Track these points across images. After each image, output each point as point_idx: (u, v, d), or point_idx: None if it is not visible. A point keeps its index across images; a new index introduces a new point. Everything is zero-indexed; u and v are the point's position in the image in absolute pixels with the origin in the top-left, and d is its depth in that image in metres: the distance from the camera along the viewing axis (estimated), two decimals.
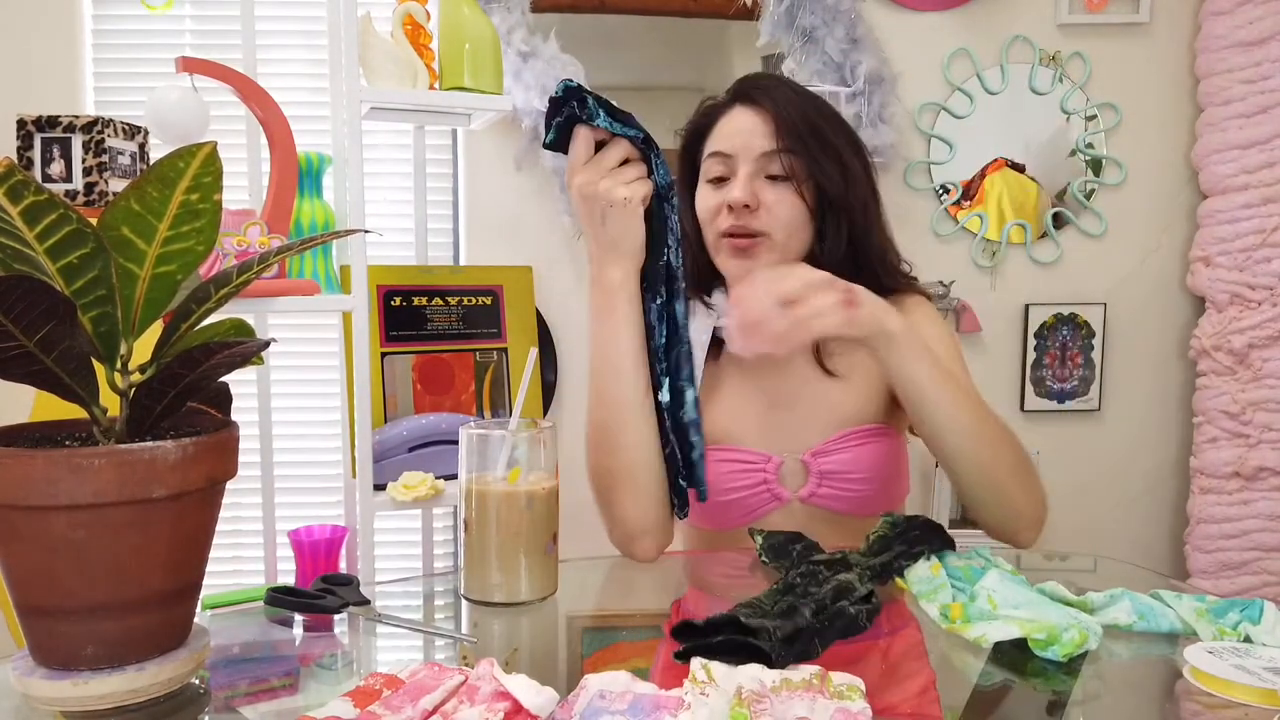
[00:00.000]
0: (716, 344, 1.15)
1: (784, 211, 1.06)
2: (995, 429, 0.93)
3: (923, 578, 0.82)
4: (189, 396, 0.62)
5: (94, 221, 0.56)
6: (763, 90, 1.09)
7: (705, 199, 1.11)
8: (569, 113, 0.88)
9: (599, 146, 0.90)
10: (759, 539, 0.95)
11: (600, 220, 0.91)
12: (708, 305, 1.15)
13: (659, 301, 0.94)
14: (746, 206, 1.05)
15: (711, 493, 1.07)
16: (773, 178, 1.07)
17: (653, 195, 0.92)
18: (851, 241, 1.09)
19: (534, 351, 0.88)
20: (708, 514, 1.10)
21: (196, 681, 0.65)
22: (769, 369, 1.12)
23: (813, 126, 1.07)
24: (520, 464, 0.80)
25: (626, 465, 0.96)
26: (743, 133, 1.07)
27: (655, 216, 0.93)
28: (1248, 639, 0.71)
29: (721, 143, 1.09)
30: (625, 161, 0.90)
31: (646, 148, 0.90)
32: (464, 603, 0.83)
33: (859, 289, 0.88)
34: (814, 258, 1.10)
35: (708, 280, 1.16)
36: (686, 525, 1.17)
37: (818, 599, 0.71)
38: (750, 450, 1.09)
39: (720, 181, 1.09)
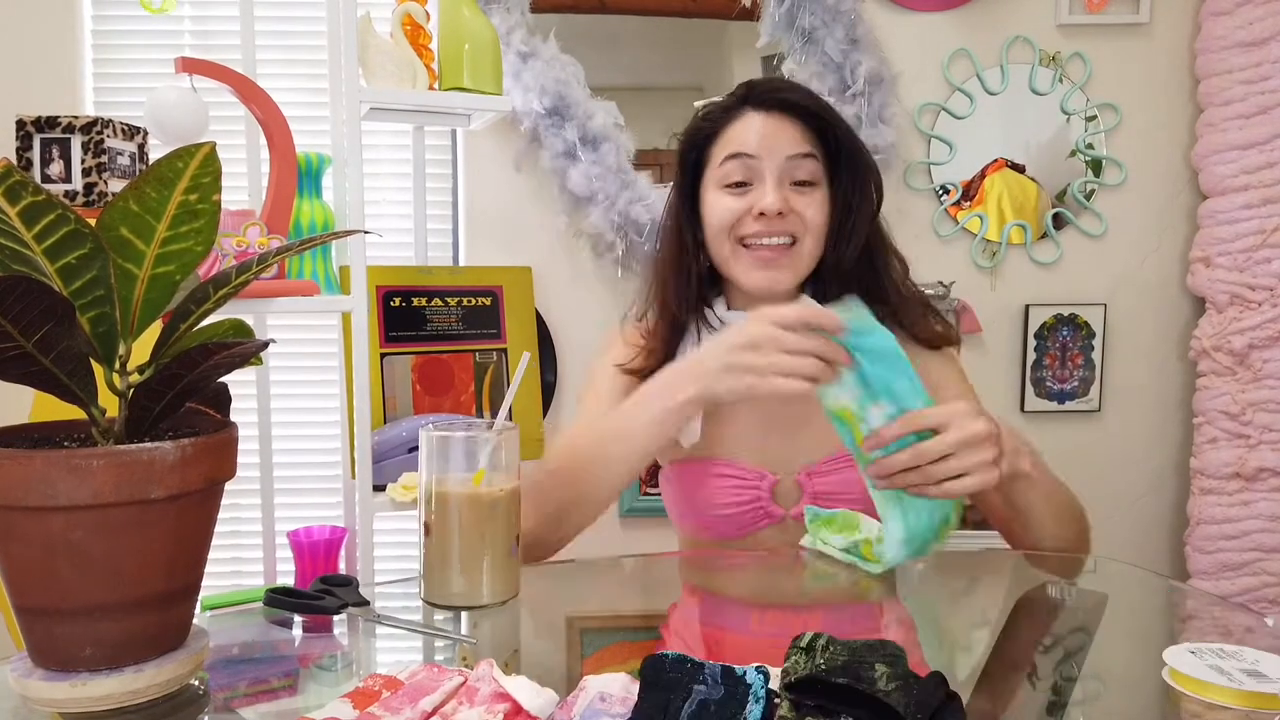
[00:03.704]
0: None
1: (814, 216, 1.03)
2: (1070, 516, 0.99)
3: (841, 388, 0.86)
4: (188, 397, 0.62)
5: (93, 222, 0.56)
6: (776, 91, 1.05)
7: (723, 204, 1.05)
8: None
9: None
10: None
11: (732, 379, 0.87)
12: (709, 323, 1.10)
13: None
14: (780, 214, 1.01)
15: (707, 506, 1.08)
16: (800, 183, 1.03)
17: None
18: (868, 248, 1.07)
19: (526, 355, 0.88)
20: (704, 525, 1.10)
21: (195, 683, 0.65)
22: None
23: (839, 124, 1.04)
24: (485, 466, 0.79)
25: (581, 499, 0.97)
26: (767, 135, 1.03)
27: None
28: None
29: (743, 145, 1.04)
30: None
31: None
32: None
33: (1003, 435, 0.86)
34: (825, 265, 1.08)
35: (708, 293, 1.12)
36: (686, 533, 1.16)
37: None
38: (745, 467, 1.08)
39: (740, 186, 1.04)
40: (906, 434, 0.82)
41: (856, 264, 1.07)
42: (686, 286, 1.09)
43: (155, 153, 1.45)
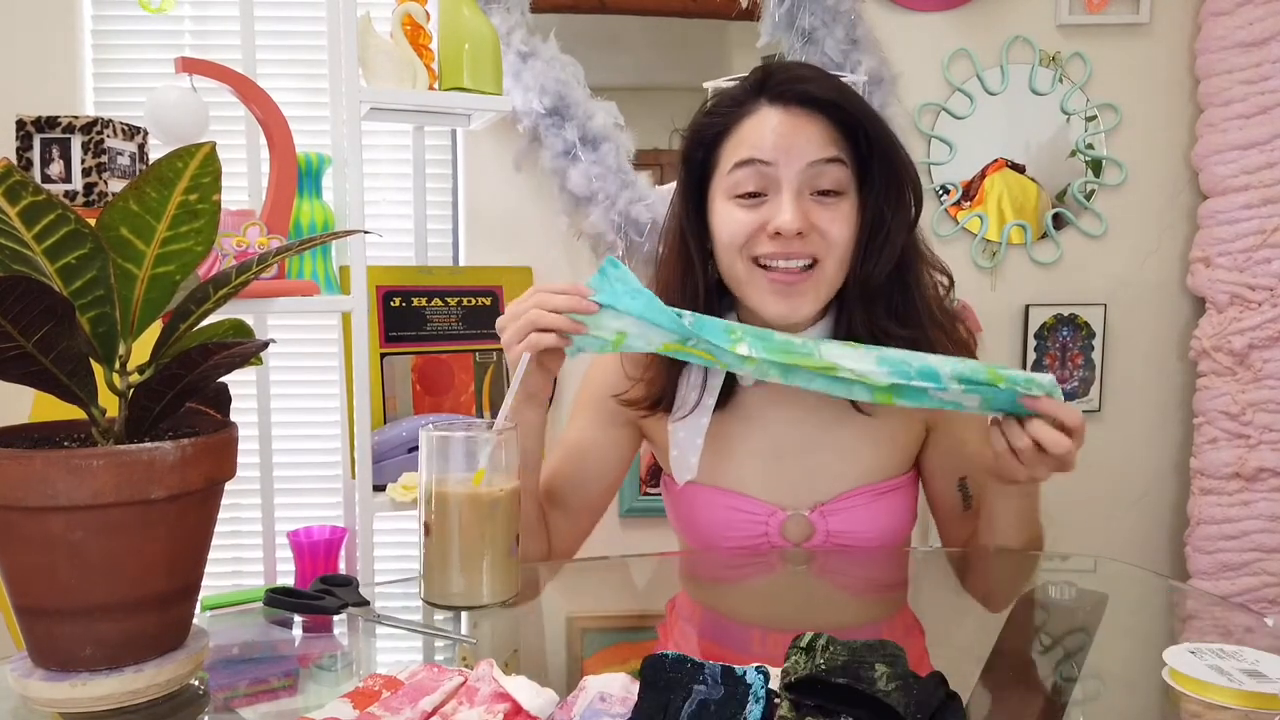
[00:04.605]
0: (728, 385, 1.00)
1: (839, 234, 0.91)
2: (1033, 530, 0.99)
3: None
4: (188, 397, 0.62)
5: (93, 222, 0.56)
6: (797, 81, 0.92)
7: (734, 219, 0.93)
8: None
9: None
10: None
11: (514, 366, 0.87)
12: None
13: None
14: (799, 234, 0.89)
15: (712, 536, 1.04)
16: (823, 192, 0.91)
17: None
18: (900, 263, 0.95)
19: (527, 355, 0.87)
20: (707, 549, 1.06)
21: (195, 683, 0.65)
22: (782, 416, 1.02)
23: (872, 119, 0.92)
24: (485, 466, 0.79)
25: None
26: (785, 136, 0.90)
27: None
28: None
29: (757, 149, 0.91)
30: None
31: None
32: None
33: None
34: (849, 283, 0.96)
35: (714, 308, 0.98)
36: (687, 544, 1.14)
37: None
38: (755, 500, 1.01)
39: (753, 198, 0.92)
40: (1042, 412, 0.87)
41: (886, 280, 0.95)
42: (692, 307, 0.94)
43: (155, 153, 1.45)
